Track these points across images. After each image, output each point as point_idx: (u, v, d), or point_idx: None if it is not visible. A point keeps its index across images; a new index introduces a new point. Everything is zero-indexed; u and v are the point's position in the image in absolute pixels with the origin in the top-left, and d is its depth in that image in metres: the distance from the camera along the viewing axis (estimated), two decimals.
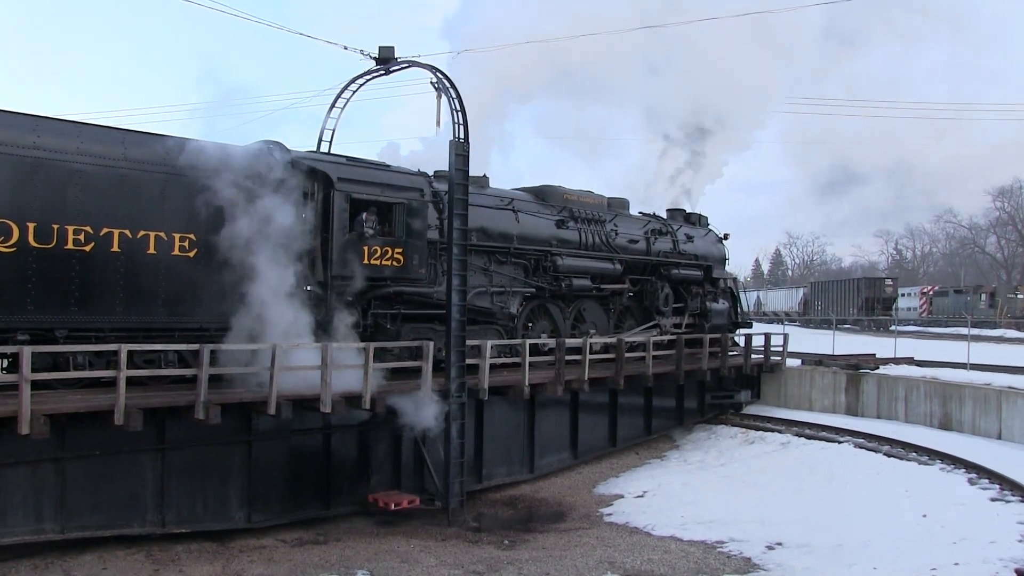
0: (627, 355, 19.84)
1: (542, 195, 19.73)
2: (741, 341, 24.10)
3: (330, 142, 17.51)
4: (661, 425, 21.70)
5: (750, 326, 26.09)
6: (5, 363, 12.23)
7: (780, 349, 23.77)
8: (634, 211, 22.93)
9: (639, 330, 21.29)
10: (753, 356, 23.36)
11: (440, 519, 14.74)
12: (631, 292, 21.43)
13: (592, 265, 19.92)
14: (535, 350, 17.53)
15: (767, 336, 23.55)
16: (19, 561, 11.47)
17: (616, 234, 20.90)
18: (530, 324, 18.78)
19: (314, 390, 12.89)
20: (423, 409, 14.15)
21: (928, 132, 76.82)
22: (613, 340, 18.82)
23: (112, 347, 11.00)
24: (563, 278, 19.06)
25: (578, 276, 19.42)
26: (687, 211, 25.09)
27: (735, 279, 25.51)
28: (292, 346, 12.80)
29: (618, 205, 22.07)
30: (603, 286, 20.38)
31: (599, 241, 20.31)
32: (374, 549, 13.32)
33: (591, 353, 17.95)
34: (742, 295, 25.74)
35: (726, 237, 25.28)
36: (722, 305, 24.00)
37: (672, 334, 21.72)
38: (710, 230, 24.99)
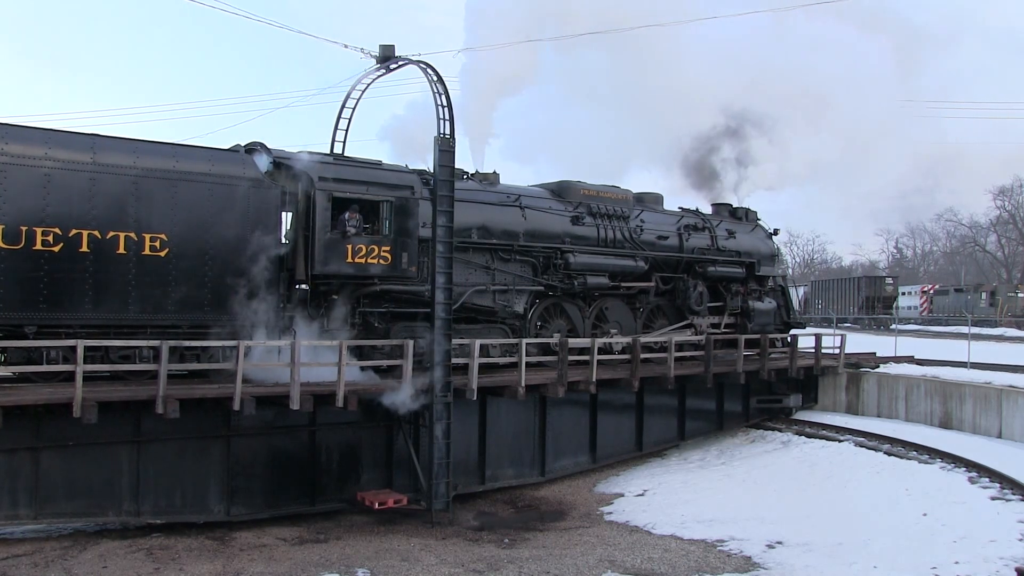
0: (654, 355, 19.10)
1: (559, 191, 19.26)
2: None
3: (343, 143, 17.64)
4: (698, 429, 20.77)
5: (803, 327, 24.54)
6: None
7: (836, 352, 22.27)
8: (673, 206, 22.05)
9: (668, 330, 20.42)
10: (806, 359, 21.98)
11: (440, 518, 14.64)
12: (661, 290, 20.60)
13: (610, 262, 19.19)
14: (546, 350, 17.10)
15: (818, 337, 22.10)
16: (19, 559, 11.96)
17: (642, 230, 20.12)
18: (540, 323, 18.32)
19: (284, 387, 12.98)
20: (402, 408, 14.04)
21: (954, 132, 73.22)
22: (629, 340, 18.09)
23: (71, 343, 11.42)
24: (576, 276, 18.51)
25: (594, 274, 18.80)
26: (733, 206, 23.92)
27: (785, 276, 24.05)
28: (256, 344, 12.95)
29: (650, 200, 21.29)
30: (626, 284, 19.69)
31: (621, 237, 19.61)
32: (375, 547, 13.35)
33: (605, 353, 17.34)
34: (793, 293, 24.18)
35: (776, 233, 23.92)
36: (768, 304, 22.67)
37: (709, 334, 20.68)
38: (758, 225, 23.58)
